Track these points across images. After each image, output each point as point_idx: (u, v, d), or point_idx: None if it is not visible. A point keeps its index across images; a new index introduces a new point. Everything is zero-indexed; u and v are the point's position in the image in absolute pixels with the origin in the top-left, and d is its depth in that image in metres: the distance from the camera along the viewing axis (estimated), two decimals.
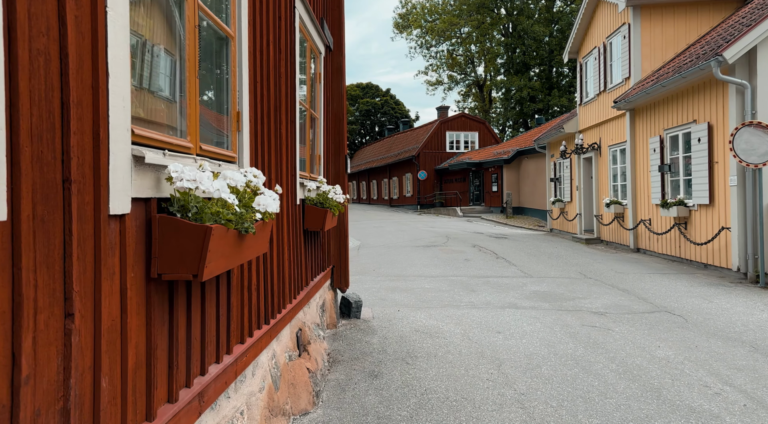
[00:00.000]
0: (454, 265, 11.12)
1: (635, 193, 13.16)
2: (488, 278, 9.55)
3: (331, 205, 4.45)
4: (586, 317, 6.65)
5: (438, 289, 8.53)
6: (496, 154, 30.69)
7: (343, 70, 5.87)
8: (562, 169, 18.96)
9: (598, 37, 15.49)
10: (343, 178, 5.91)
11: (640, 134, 12.84)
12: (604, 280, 9.25)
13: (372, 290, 8.42)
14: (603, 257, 12.40)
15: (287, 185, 3.73)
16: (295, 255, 3.94)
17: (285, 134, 3.68)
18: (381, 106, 65.89)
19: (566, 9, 46.56)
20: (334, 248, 5.97)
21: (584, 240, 15.71)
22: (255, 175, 2.16)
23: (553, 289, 8.48)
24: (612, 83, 14.59)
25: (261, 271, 3.05)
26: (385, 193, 47.14)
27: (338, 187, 4.63)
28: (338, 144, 5.88)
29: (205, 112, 2.36)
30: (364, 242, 16.64)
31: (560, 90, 46.43)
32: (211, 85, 2.47)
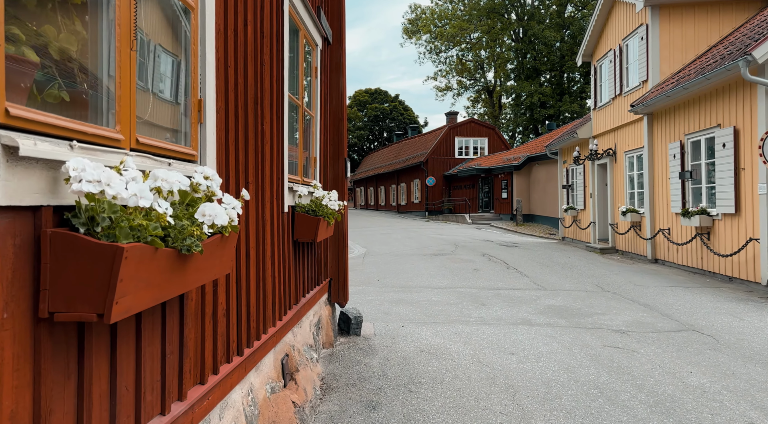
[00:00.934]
0: (462, 275, 10.59)
1: (653, 202, 12.57)
2: (499, 290, 9.00)
3: (325, 212, 3.96)
4: (607, 336, 6.09)
5: (445, 302, 8.00)
6: (506, 160, 30.12)
7: (344, 67, 5.39)
8: (574, 176, 18.38)
9: (613, 38, 14.95)
10: (342, 184, 5.41)
11: (659, 139, 12.26)
12: (623, 293, 8.68)
13: (375, 303, 7.90)
14: (619, 267, 11.80)
15: (272, 190, 3.24)
16: (281, 270, 3.45)
17: (270, 132, 3.19)
18: (389, 111, 65.52)
19: (577, 14, 46.01)
20: (331, 259, 5.47)
21: (598, 249, 15.10)
22: (207, 176, 1.67)
23: (569, 303, 7.92)
24: (628, 87, 14.03)
25: (233, 292, 2.55)
26: (393, 199, 46.64)
27: (334, 193, 4.13)
28: (337, 146, 5.39)
29: (148, 98, 1.87)
30: (370, 250, 16.13)
31: (571, 96, 45.82)
32: (163, 64, 1.99)
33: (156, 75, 1.93)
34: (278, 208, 3.37)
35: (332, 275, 5.49)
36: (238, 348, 2.62)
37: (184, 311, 2.01)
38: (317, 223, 3.75)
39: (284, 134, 3.49)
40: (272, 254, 3.22)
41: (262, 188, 3.02)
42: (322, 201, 3.99)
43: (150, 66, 1.88)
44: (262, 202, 3.01)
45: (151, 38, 1.89)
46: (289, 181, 3.75)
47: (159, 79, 1.96)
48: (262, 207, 3.01)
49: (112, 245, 1.21)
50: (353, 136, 65.14)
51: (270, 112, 3.21)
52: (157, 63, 1.95)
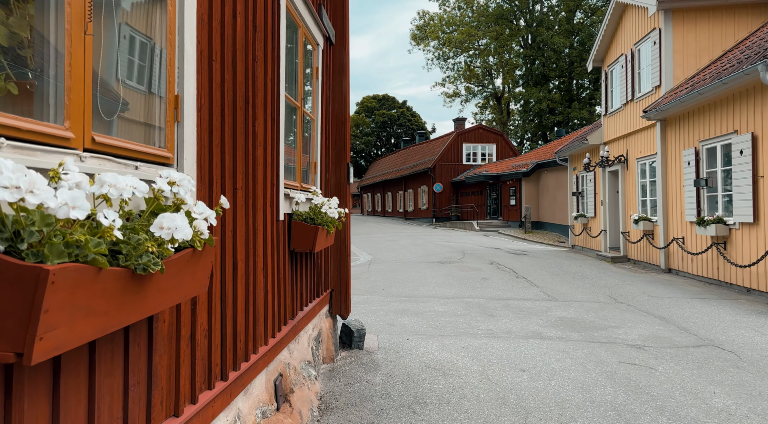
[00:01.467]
0: (470, 284, 10.30)
1: (667, 210, 12.23)
2: (508, 300, 8.70)
3: (324, 221, 3.71)
4: (623, 352, 5.79)
5: (453, 313, 7.72)
6: (515, 166, 29.80)
7: (347, 68, 5.16)
8: (585, 183, 18.06)
9: (625, 43, 14.66)
10: (345, 190, 5.17)
11: (672, 146, 11.94)
12: (637, 305, 8.36)
13: (379, 313, 7.64)
14: (632, 277, 11.47)
15: (266, 197, 3.00)
16: (276, 283, 3.20)
17: (264, 134, 2.96)
18: (397, 117, 65.39)
19: (586, 21, 45.74)
20: (333, 269, 5.22)
21: (610, 258, 14.76)
22: (172, 181, 1.42)
23: (581, 315, 7.62)
24: (640, 92, 13.72)
25: (216, 309, 2.31)
26: (400, 205, 46.38)
27: (334, 200, 3.89)
28: (339, 151, 5.15)
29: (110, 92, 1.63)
30: (376, 257, 15.88)
31: (581, 102, 45.48)
32: (131, 54, 1.75)
33: (121, 66, 1.70)
34: (273, 217, 3.12)
35: (334, 286, 5.23)
36: (222, 372, 2.36)
37: (154, 335, 1.76)
38: (315, 232, 3.51)
39: (280, 137, 3.25)
40: (265, 266, 2.98)
41: (253, 195, 2.77)
42: (321, 209, 3.75)
43: (114, 55, 1.65)
44: (253, 211, 2.77)
45: (117, 24, 1.66)
46: (286, 188, 3.51)
47: (125, 71, 1.72)
48: (253, 215, 2.77)
49: (32, 267, 0.97)
50: (360, 142, 65.03)
51: (264, 113, 2.97)
52: (123, 52, 1.72)
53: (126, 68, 1.72)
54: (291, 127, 3.88)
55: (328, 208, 3.74)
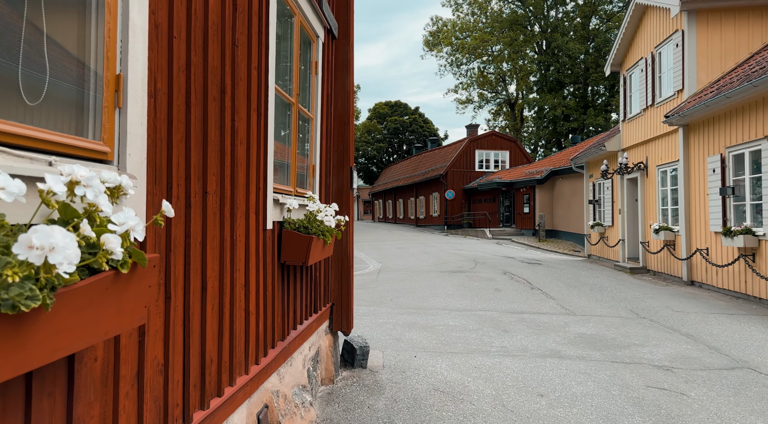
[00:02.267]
0: (482, 296, 9.83)
1: (689, 219, 11.69)
2: (523, 314, 8.23)
3: (320, 230, 3.31)
4: (650, 374, 5.31)
5: (464, 327, 7.27)
6: (529, 173, 29.26)
7: (351, 65, 4.78)
8: (602, 191, 17.51)
9: (645, 46, 14.16)
10: (347, 196, 4.77)
11: (696, 153, 11.41)
12: (661, 321, 7.85)
13: (386, 327, 7.21)
14: (653, 290, 10.93)
15: (249, 203, 2.61)
16: (262, 301, 2.80)
17: (247, 131, 2.57)
18: (409, 124, 65.06)
19: (602, 27, 45.15)
20: (334, 281, 4.81)
21: (628, 269, 14.20)
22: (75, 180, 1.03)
23: (601, 331, 7.13)
24: (661, 97, 13.21)
25: (176, 339, 1.91)
26: (412, 212, 45.94)
27: (331, 208, 3.49)
28: (342, 153, 4.76)
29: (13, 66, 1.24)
30: (386, 265, 15.46)
31: (596, 109, 44.83)
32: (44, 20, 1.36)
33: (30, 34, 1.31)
34: (258, 225, 2.73)
35: (334, 300, 4.83)
36: (185, 415, 1.96)
37: (77, 379, 1.37)
38: (309, 242, 3.11)
39: (269, 136, 2.86)
40: (247, 282, 2.58)
41: (231, 201, 2.38)
42: (317, 216, 3.35)
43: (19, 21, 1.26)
44: (231, 219, 2.38)
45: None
46: (277, 193, 3.12)
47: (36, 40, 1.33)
48: (231, 224, 2.38)
49: None
50: (372, 149, 64.75)
51: (248, 107, 2.58)
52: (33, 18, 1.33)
53: (37, 37, 1.33)
54: (284, 126, 3.49)
55: (324, 215, 3.34)
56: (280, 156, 3.44)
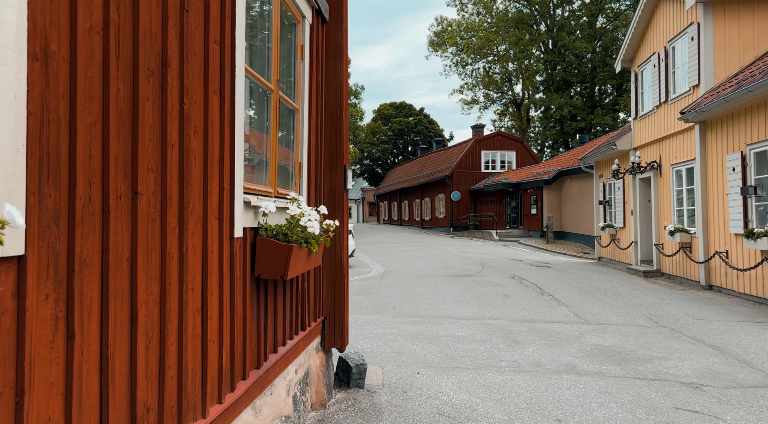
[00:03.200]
0: (490, 302, 9.32)
1: (707, 220, 11.13)
2: (534, 323, 7.72)
3: (304, 237, 2.83)
4: (678, 393, 4.79)
5: (471, 338, 6.76)
6: (536, 174, 28.70)
7: (344, 51, 4.30)
8: (613, 191, 16.96)
9: (658, 41, 13.62)
10: (341, 197, 4.28)
11: (714, 150, 10.86)
12: (683, 329, 7.31)
13: (387, 338, 6.71)
14: (670, 295, 10.38)
15: (207, 206, 2.13)
16: (228, 325, 2.32)
17: (204, 117, 2.09)
18: (414, 125, 64.57)
19: (609, 26, 44.53)
20: (326, 293, 4.32)
21: (642, 273, 13.64)
22: None
23: (620, 342, 6.61)
24: (675, 93, 12.67)
25: (89, 389, 1.42)
26: (417, 214, 45.43)
27: (316, 211, 3.01)
28: (334, 150, 4.27)
29: None
30: (390, 269, 14.97)
31: (604, 108, 44.20)
32: None
33: None
34: (221, 233, 2.25)
35: (327, 313, 4.34)
36: None
37: None
38: (287, 252, 2.62)
39: (235, 125, 2.38)
40: (204, 305, 2.10)
41: (180, 203, 1.90)
42: (300, 221, 2.86)
43: None
44: (180, 226, 1.90)
45: None
46: (250, 193, 2.64)
47: None
48: (179, 233, 1.90)
49: None
50: (377, 150, 64.31)
51: (205, 88, 2.10)
52: None
53: None
54: (262, 117, 3.01)
55: (308, 220, 2.85)
56: (257, 151, 2.96)
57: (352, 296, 10.19)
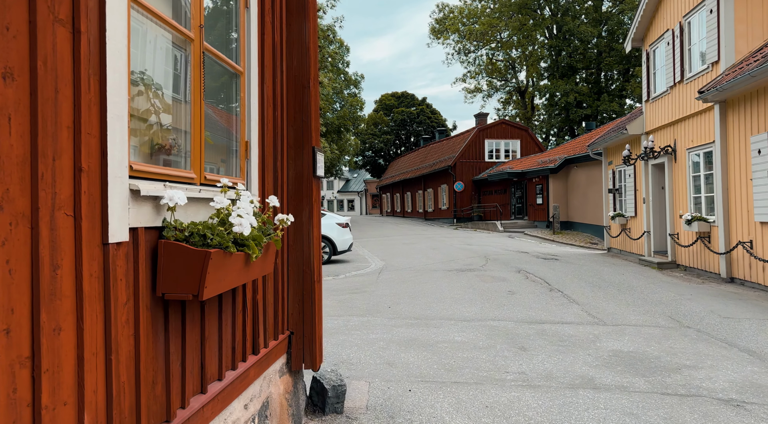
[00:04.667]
0: (494, 300, 8.56)
1: (728, 208, 10.31)
2: (543, 324, 6.95)
3: (237, 238, 2.07)
4: (717, 414, 4.02)
5: (473, 344, 6.00)
6: (541, 162, 27.82)
7: (310, 6, 3.51)
8: (623, 179, 16.12)
9: (672, 16, 12.72)
10: (309, 187, 3.51)
11: (736, 132, 10.02)
12: (710, 331, 6.53)
13: (378, 345, 5.96)
14: (689, 289, 9.58)
15: (49, 197, 1.36)
16: (93, 377, 1.56)
17: (31, 55, 1.32)
18: (417, 115, 63.58)
19: (614, 10, 43.34)
20: (293, 302, 3.56)
21: (656, 264, 12.84)
22: None
23: (640, 347, 5.84)
24: (691, 72, 11.80)
25: None
26: (420, 205, 44.64)
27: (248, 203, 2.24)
28: (300, 128, 3.50)
29: None
30: (389, 264, 14.23)
31: (610, 94, 43.14)
32: None
33: None
34: (80, 236, 1.49)
35: (294, 327, 3.58)
36: None
37: None
38: (203, 261, 1.86)
39: (107, 75, 1.61)
40: (34, 353, 1.34)
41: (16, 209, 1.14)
42: (230, 217, 2.09)
43: None
44: None
45: None
46: (148, 178, 1.87)
47: None
48: None
49: None
50: (379, 141, 63.40)
51: (32, 10, 1.33)
52: None
53: None
54: (180, 78, 2.24)
55: (238, 213, 2.08)
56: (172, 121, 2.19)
57: (344, 294, 9.45)
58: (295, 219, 3.51)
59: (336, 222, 15.25)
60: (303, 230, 3.50)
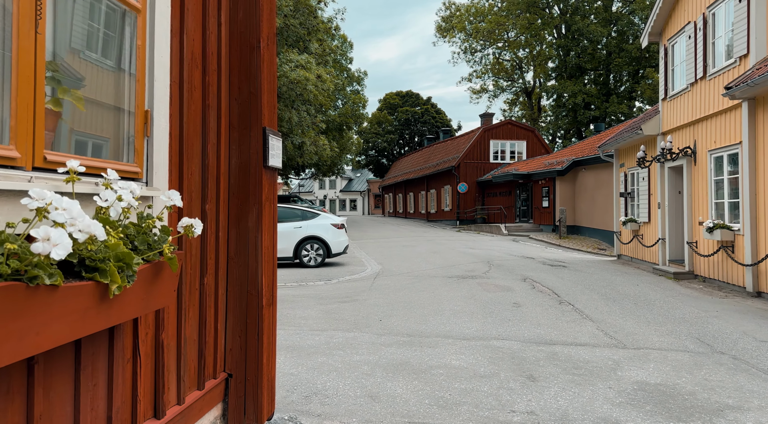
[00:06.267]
0: (498, 314, 7.68)
1: (756, 216, 9.40)
2: (554, 345, 6.06)
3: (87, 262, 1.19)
4: None
5: (472, 371, 5.12)
6: (548, 164, 26.89)
7: None
8: (636, 182, 15.20)
9: (694, 8, 11.81)
10: (259, 180, 2.64)
11: (767, 131, 9.11)
12: (749, 358, 5.63)
13: (362, 370, 5.09)
14: (713, 304, 8.68)
15: None
16: None
17: None
18: (421, 115, 62.66)
19: (624, 10, 42.33)
20: (232, 335, 2.69)
21: (671, 274, 11.93)
22: None
23: (670, 378, 4.94)
24: (715, 67, 10.89)
25: None
26: (423, 206, 43.74)
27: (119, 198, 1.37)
28: (247, 102, 2.64)
29: None
30: (386, 268, 13.36)
31: (619, 96, 42.15)
32: None
33: None
34: None
35: (233, 368, 2.70)
36: None
37: None
38: None
39: None
40: None
41: None
42: (36, 226, 1.21)
43: None
44: None
45: None
46: None
47: None
48: None
49: None
50: (382, 141, 62.50)
51: None
52: None
53: None
54: None
55: (53, 222, 1.21)
56: None
57: (332, 303, 8.58)
58: (239, 224, 2.64)
59: (330, 223, 14.40)
60: (248, 238, 2.64)
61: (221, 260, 2.57)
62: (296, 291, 10.04)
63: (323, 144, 24.38)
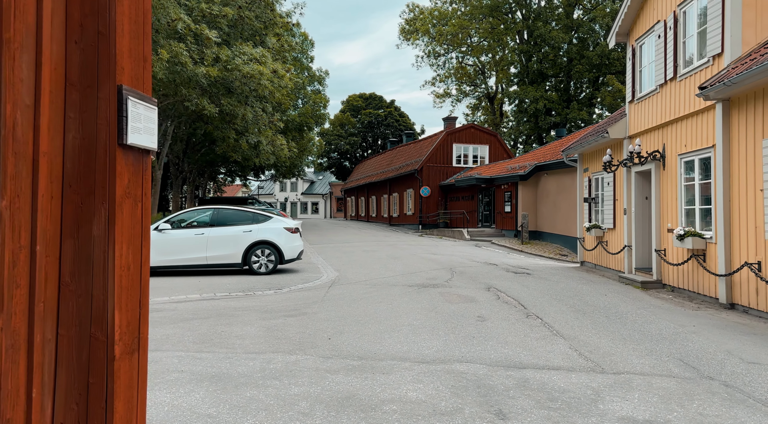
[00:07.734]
0: (461, 330, 6.89)
1: (730, 223, 8.93)
2: (524, 370, 5.29)
3: None
4: None
5: (432, 406, 4.29)
6: (511, 169, 26.52)
7: None
8: (601, 187, 14.76)
9: (664, 6, 11.39)
10: (111, 164, 1.76)
11: (742, 135, 8.65)
12: (741, 385, 4.99)
13: (299, 408, 4.18)
14: (687, 318, 8.12)
15: None
16: None
17: None
18: (384, 117, 62.01)
19: (586, 17, 42.69)
20: (65, 402, 1.77)
21: (639, 283, 11.45)
22: None
23: (660, 413, 4.23)
24: (686, 67, 10.45)
25: None
26: (385, 210, 42.99)
27: None
28: (93, 49, 1.76)
29: None
30: (343, 275, 12.46)
31: (579, 103, 42.43)
32: None
33: None
34: None
35: None
36: None
37: None
38: None
39: None
40: None
41: None
42: None
43: None
44: None
45: None
46: None
47: None
48: None
49: None
50: (345, 143, 61.53)
51: None
52: None
53: None
54: None
55: None
56: None
57: (278, 317, 7.64)
58: (80, 232, 1.74)
59: (284, 226, 13.42)
60: (93, 253, 1.73)
61: (41, 289, 1.64)
62: (238, 303, 9.04)
63: (281, 144, 23.31)
